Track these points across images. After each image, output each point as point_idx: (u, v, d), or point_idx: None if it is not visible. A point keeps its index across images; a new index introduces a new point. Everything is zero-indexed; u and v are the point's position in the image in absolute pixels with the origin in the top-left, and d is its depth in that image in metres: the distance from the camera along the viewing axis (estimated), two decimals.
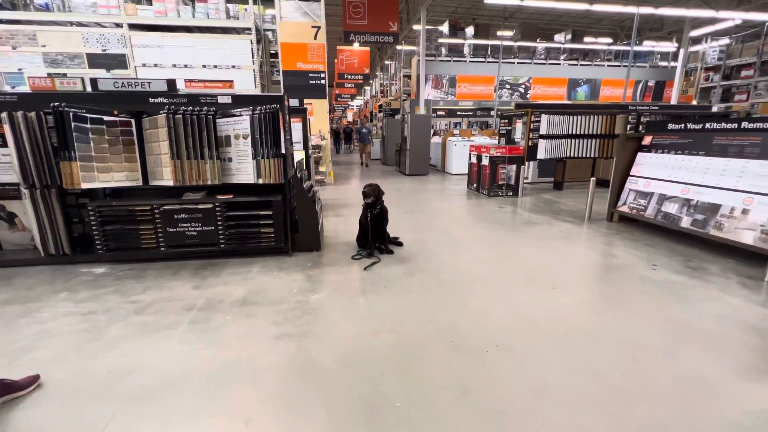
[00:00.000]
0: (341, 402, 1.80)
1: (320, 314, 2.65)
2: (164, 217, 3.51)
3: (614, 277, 3.28)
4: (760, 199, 3.49)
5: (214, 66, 7.50)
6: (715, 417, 1.70)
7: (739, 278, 3.22)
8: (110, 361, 2.11)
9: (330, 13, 13.84)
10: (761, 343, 2.28)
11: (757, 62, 11.36)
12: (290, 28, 7.88)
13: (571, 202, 6.46)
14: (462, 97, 15.25)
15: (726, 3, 12.97)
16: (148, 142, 3.56)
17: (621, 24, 17.67)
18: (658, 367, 2.05)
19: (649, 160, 4.73)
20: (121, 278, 3.28)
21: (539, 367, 2.05)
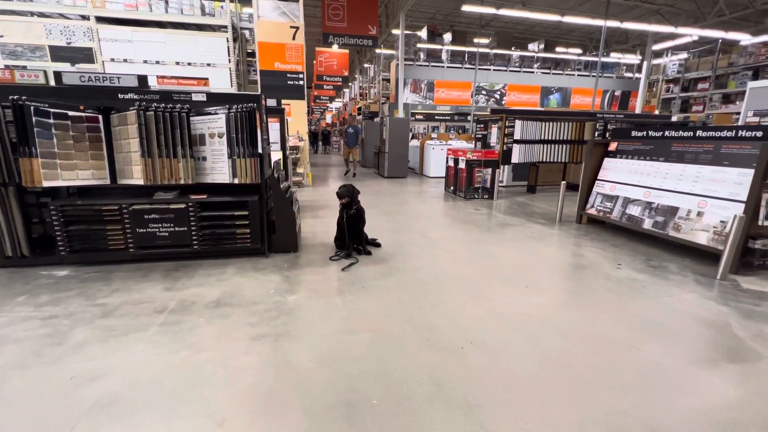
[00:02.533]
0: (318, 401, 1.80)
1: (297, 315, 2.63)
2: (134, 217, 3.38)
3: (582, 276, 3.43)
4: (712, 202, 3.75)
5: (188, 63, 7.29)
6: (673, 404, 1.81)
7: (694, 276, 3.44)
8: (74, 367, 2.01)
9: (309, 14, 13.77)
10: (713, 335, 2.45)
11: (711, 76, 12.19)
12: (268, 28, 7.78)
13: (544, 205, 6.69)
14: (440, 101, 15.50)
15: (684, 20, 13.86)
16: (116, 140, 3.43)
17: (590, 36, 18.53)
18: (622, 359, 2.17)
19: (615, 165, 4.98)
20: (86, 281, 3.13)
21: (511, 362, 2.12)
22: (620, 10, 14.35)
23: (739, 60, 11.52)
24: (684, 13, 13.88)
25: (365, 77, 19.78)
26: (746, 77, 11.08)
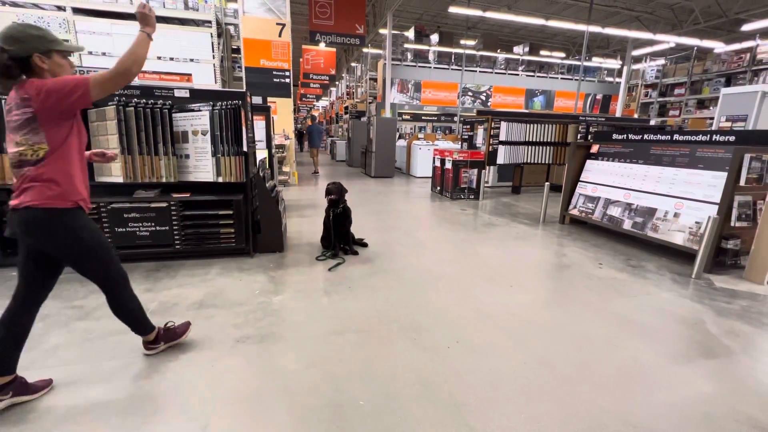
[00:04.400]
0: (304, 402, 1.78)
1: (283, 315, 2.60)
2: (112, 216, 3.28)
3: (565, 275, 3.50)
4: (689, 203, 3.88)
5: (170, 58, 7.11)
6: (651, 399, 1.87)
7: (671, 275, 3.56)
8: (48, 372, 1.93)
9: (295, 11, 13.64)
10: (689, 332, 2.54)
11: (687, 82, 12.63)
12: (253, 24, 7.66)
13: (528, 206, 6.81)
14: (426, 102, 15.58)
15: (662, 27, 14.34)
16: (94, 136, 3.31)
17: (573, 40, 18.95)
18: (602, 356, 2.23)
19: (596, 167, 5.11)
20: (62, 282, 2.99)
21: (497, 360, 2.15)
22: (602, 16, 14.73)
23: (713, 67, 11.98)
24: (662, 21, 14.36)
25: (352, 76, 19.72)
26: (719, 84, 11.53)
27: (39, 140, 1.56)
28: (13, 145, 1.57)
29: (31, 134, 1.55)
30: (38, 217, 1.60)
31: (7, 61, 1.50)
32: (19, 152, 1.56)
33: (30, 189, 1.58)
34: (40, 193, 1.58)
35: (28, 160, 1.57)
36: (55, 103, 1.53)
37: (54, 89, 1.52)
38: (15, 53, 1.51)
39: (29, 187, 1.59)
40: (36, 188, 1.58)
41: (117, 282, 1.89)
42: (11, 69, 1.53)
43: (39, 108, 1.52)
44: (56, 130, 1.59)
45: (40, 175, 1.58)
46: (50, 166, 1.59)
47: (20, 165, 1.58)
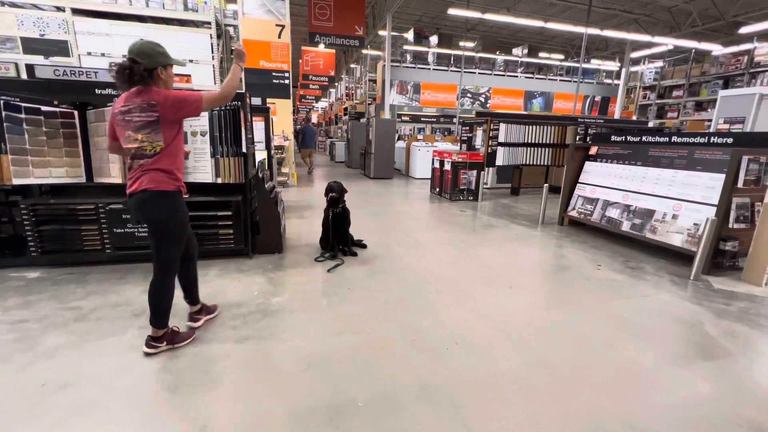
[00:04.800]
0: (303, 404, 1.77)
1: (281, 317, 2.59)
2: (111, 216, 3.27)
3: (564, 277, 3.50)
4: (687, 205, 3.89)
5: None
6: (650, 400, 1.87)
7: (669, 276, 3.56)
8: (45, 373, 1.92)
9: (295, 12, 13.66)
10: (687, 333, 2.54)
11: (685, 84, 12.68)
12: (253, 25, 7.67)
13: (527, 207, 6.82)
14: (426, 103, 15.59)
15: (660, 29, 14.39)
16: (93, 137, 3.31)
17: (572, 42, 19.01)
18: (601, 357, 2.23)
19: (595, 169, 5.12)
20: (59, 283, 3.01)
21: (495, 362, 2.15)
22: (600, 18, 14.78)
23: (710, 69, 12.03)
24: (660, 23, 14.41)
25: (352, 77, 19.74)
26: (717, 86, 11.58)
27: (158, 138, 1.93)
28: (132, 141, 1.92)
29: (152, 133, 1.92)
30: (150, 197, 1.95)
31: (141, 71, 1.86)
32: (140, 147, 1.92)
33: (145, 175, 1.94)
34: (153, 179, 1.94)
35: (146, 153, 1.94)
36: (176, 111, 1.94)
37: (178, 100, 1.93)
38: (146, 66, 1.88)
39: (144, 174, 1.94)
40: (150, 175, 1.94)
41: (171, 266, 2.12)
42: (143, 77, 1.88)
43: (163, 113, 1.91)
44: (170, 132, 1.97)
45: (155, 166, 1.95)
46: (163, 158, 1.97)
47: (138, 157, 1.95)
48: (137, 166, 1.96)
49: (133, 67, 1.85)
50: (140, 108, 1.88)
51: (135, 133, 1.90)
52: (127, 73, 1.85)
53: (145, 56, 1.88)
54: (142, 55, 1.87)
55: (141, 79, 1.89)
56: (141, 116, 1.89)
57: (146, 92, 1.90)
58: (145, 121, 1.89)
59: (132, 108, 1.89)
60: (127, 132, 1.92)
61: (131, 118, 1.90)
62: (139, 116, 1.89)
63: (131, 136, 1.92)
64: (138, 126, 1.90)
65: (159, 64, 1.93)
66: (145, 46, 1.91)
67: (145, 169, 1.95)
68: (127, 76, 1.86)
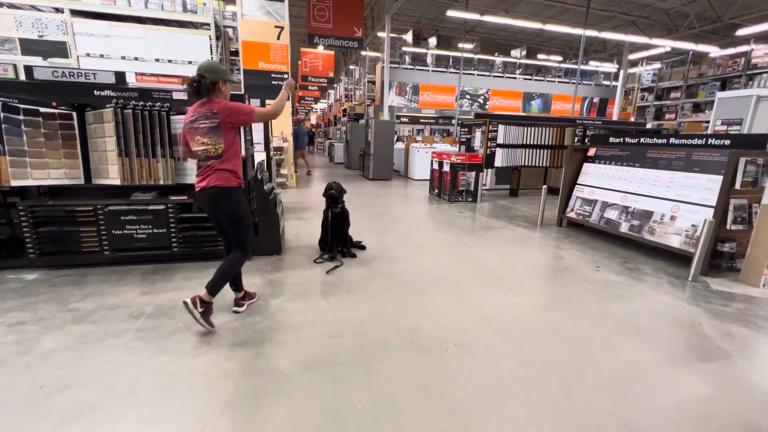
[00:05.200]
0: (302, 406, 1.77)
1: (280, 319, 2.59)
2: (109, 218, 3.27)
3: (563, 278, 3.51)
4: (685, 207, 3.91)
5: (168, 60, 7.11)
6: (648, 402, 1.87)
7: (668, 278, 3.57)
8: (43, 376, 1.92)
9: (294, 14, 13.66)
10: (686, 335, 2.55)
11: (683, 86, 12.73)
12: (252, 27, 7.68)
13: (526, 208, 6.83)
14: (425, 105, 15.62)
15: (658, 31, 14.46)
16: (91, 138, 3.30)
17: (570, 44, 19.08)
18: (600, 359, 2.23)
19: (594, 170, 5.14)
20: (57, 285, 3.00)
21: (495, 363, 2.15)
22: (598, 20, 14.84)
23: (708, 71, 12.08)
24: (658, 25, 14.48)
25: (351, 79, 19.76)
26: (715, 88, 11.63)
27: (219, 141, 2.28)
28: (200, 144, 2.28)
29: (215, 137, 2.27)
30: (219, 192, 2.31)
31: (208, 84, 2.24)
32: (205, 149, 2.28)
33: (213, 174, 2.29)
34: (220, 177, 2.30)
35: (211, 155, 2.29)
36: (233, 119, 2.29)
37: (234, 109, 2.28)
38: (211, 80, 2.25)
39: (213, 174, 2.29)
40: (217, 174, 2.29)
41: (246, 247, 2.53)
42: (208, 89, 2.25)
43: (222, 119, 2.25)
44: (229, 136, 2.31)
45: (222, 166, 2.30)
46: (227, 160, 2.32)
47: (207, 158, 2.30)
48: (206, 167, 2.31)
49: (201, 80, 2.22)
50: (205, 116, 2.26)
51: (202, 137, 2.27)
52: (196, 85, 2.22)
53: (210, 72, 2.25)
54: (208, 72, 2.24)
55: (207, 91, 2.25)
56: (205, 123, 2.26)
57: (209, 103, 2.27)
58: (208, 126, 2.25)
59: (198, 117, 2.27)
60: (196, 137, 2.28)
61: (198, 125, 2.27)
62: (204, 123, 2.26)
63: (199, 140, 2.28)
64: (203, 131, 2.26)
65: (220, 79, 2.29)
66: (211, 65, 2.30)
67: (214, 169, 2.30)
68: (196, 88, 2.23)
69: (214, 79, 2.27)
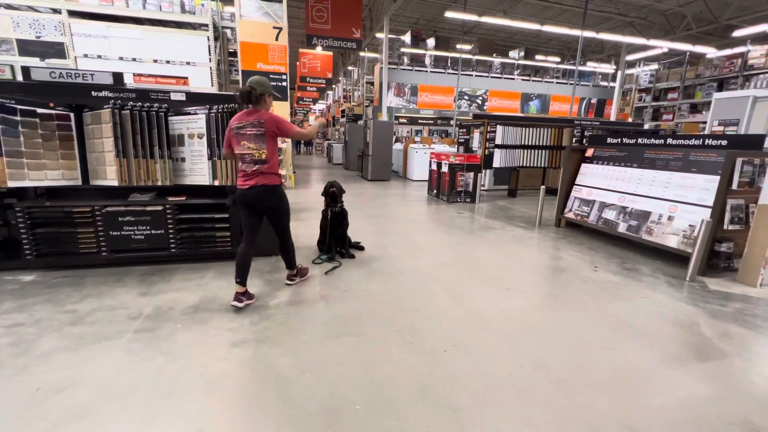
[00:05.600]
0: (300, 408, 1.77)
1: (279, 319, 2.59)
2: (107, 219, 3.26)
3: (561, 279, 3.52)
4: (682, 207, 3.92)
5: (166, 61, 7.10)
6: (647, 402, 1.88)
7: (665, 278, 3.58)
8: (40, 377, 1.91)
9: (292, 15, 13.67)
10: (683, 334, 2.55)
11: (680, 87, 12.79)
12: (250, 28, 7.68)
13: (524, 209, 6.84)
14: (423, 105, 15.66)
15: (655, 32, 14.52)
16: (89, 139, 3.30)
17: (568, 45, 19.14)
18: (598, 359, 2.23)
19: (592, 171, 5.15)
20: (55, 286, 2.99)
21: (493, 363, 2.15)
22: (596, 21, 14.90)
23: (705, 72, 12.13)
24: (655, 26, 14.54)
25: (349, 80, 19.77)
26: (712, 88, 11.67)
27: (263, 147, 2.66)
28: (245, 148, 2.65)
29: (260, 143, 2.65)
30: (267, 190, 2.72)
31: (257, 95, 2.65)
32: (250, 153, 2.65)
33: (261, 176, 2.68)
34: (267, 178, 2.70)
35: (256, 159, 2.65)
36: (276, 129, 2.68)
37: (279, 122, 2.68)
38: (260, 92, 2.66)
39: (260, 175, 2.68)
40: (264, 175, 2.69)
41: (288, 234, 3.02)
42: (257, 99, 2.66)
43: (267, 129, 2.64)
44: (271, 143, 2.69)
45: (268, 169, 2.70)
46: (271, 163, 2.71)
47: (254, 162, 2.66)
48: (253, 169, 2.68)
49: (252, 91, 2.63)
50: (252, 125, 2.63)
51: (248, 143, 2.64)
52: (247, 95, 2.62)
53: (259, 85, 2.66)
54: (258, 85, 2.65)
55: (255, 101, 2.66)
56: (252, 130, 2.63)
57: (256, 113, 2.66)
58: (255, 134, 2.63)
59: (245, 125, 2.64)
60: (243, 142, 2.65)
61: (245, 132, 2.64)
62: (251, 130, 2.63)
63: (245, 144, 2.65)
64: (250, 137, 2.64)
65: (266, 92, 2.70)
66: (260, 79, 2.70)
67: (262, 172, 2.68)
68: (247, 97, 2.63)
69: (262, 92, 2.68)
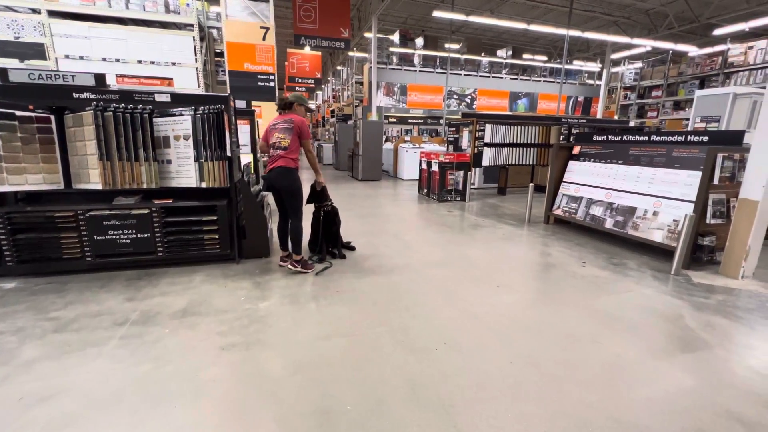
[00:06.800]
0: (292, 409, 1.76)
1: (269, 322, 2.56)
2: (91, 223, 3.19)
3: (550, 275, 3.56)
4: (666, 202, 4.00)
5: (151, 62, 6.98)
6: (634, 394, 1.91)
7: (651, 272, 3.65)
8: (23, 387, 1.86)
9: (279, 14, 13.58)
10: (669, 327, 2.61)
11: (664, 84, 13.06)
12: (237, 28, 7.59)
13: (513, 206, 6.91)
14: (412, 105, 15.67)
15: (639, 31, 14.79)
16: (71, 141, 3.22)
17: (554, 44, 19.37)
18: (587, 353, 2.27)
19: (579, 168, 5.22)
20: (37, 293, 2.91)
21: (484, 361, 2.16)
22: (581, 20, 15.11)
23: (687, 70, 12.41)
24: (639, 25, 14.81)
25: (338, 80, 19.69)
26: (694, 86, 11.95)
27: (288, 137, 3.27)
28: (276, 137, 3.30)
29: (286, 134, 3.28)
30: (283, 170, 3.26)
31: (289, 102, 3.43)
32: (279, 141, 3.28)
33: (281, 159, 3.25)
34: (285, 161, 3.26)
35: (281, 146, 3.26)
36: (299, 129, 3.31)
37: (303, 126, 3.32)
38: (291, 100, 3.43)
39: (281, 159, 3.25)
40: (284, 159, 3.26)
41: (299, 215, 3.45)
42: (290, 106, 3.43)
43: (294, 126, 3.30)
44: (293, 137, 3.29)
45: (287, 154, 3.27)
46: (291, 149, 3.28)
47: (279, 148, 3.27)
48: (277, 153, 3.26)
49: (286, 99, 3.45)
50: (284, 122, 3.32)
51: (279, 134, 3.30)
52: (282, 102, 3.46)
53: (294, 97, 3.43)
54: (293, 97, 3.43)
55: (288, 107, 3.44)
56: (283, 125, 3.31)
57: (289, 115, 3.37)
58: (284, 127, 3.30)
59: (280, 122, 3.34)
60: (275, 133, 3.31)
61: (278, 126, 3.32)
62: (282, 125, 3.31)
63: (276, 135, 3.30)
64: (280, 130, 3.30)
65: (298, 102, 3.44)
66: (297, 94, 3.48)
67: (282, 156, 3.25)
68: (283, 103, 3.46)
69: (294, 101, 3.42)
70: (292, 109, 3.40)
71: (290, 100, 3.40)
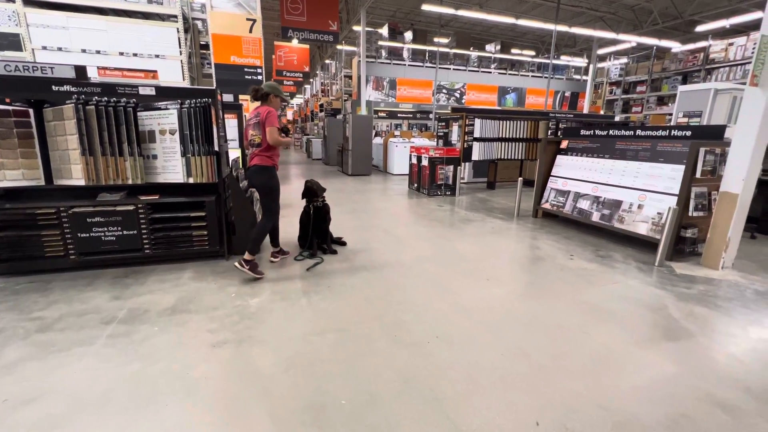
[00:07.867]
0: (285, 406, 1.75)
1: (261, 318, 2.55)
2: (74, 220, 3.10)
3: (539, 268, 3.62)
4: (651, 195, 4.09)
5: (133, 54, 6.77)
6: (621, 382, 1.96)
7: (636, 264, 3.74)
8: (6, 389, 1.81)
9: (266, 6, 13.31)
10: (653, 317, 2.68)
11: (648, 80, 13.29)
12: (222, 19, 7.42)
13: (502, 200, 6.97)
14: (402, 99, 15.62)
15: (624, 27, 14.99)
16: (51, 136, 3.12)
17: (542, 39, 19.51)
18: (575, 344, 2.32)
19: (566, 162, 5.30)
20: (19, 292, 2.83)
21: (475, 353, 2.19)
22: (569, 16, 15.24)
23: (670, 66, 12.64)
24: (624, 21, 15.01)
25: (327, 73, 19.48)
26: (677, 81, 12.19)
27: (259, 134, 3.14)
28: (251, 135, 3.17)
29: (258, 130, 3.14)
30: (258, 169, 3.19)
31: (263, 93, 3.21)
32: (253, 138, 3.16)
33: (257, 157, 3.18)
34: (260, 159, 3.18)
35: (255, 142, 3.16)
36: (265, 120, 3.08)
37: (270, 116, 3.09)
38: (265, 91, 3.21)
39: (256, 156, 3.18)
40: (259, 156, 3.18)
41: (272, 214, 3.35)
42: (263, 97, 3.22)
43: (261, 120, 3.10)
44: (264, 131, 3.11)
45: (261, 152, 3.18)
46: (264, 146, 3.16)
47: (253, 146, 3.18)
48: (252, 152, 3.20)
49: (259, 90, 3.21)
50: (255, 116, 3.14)
51: (252, 130, 3.16)
52: (254, 92, 3.24)
53: (268, 87, 3.22)
54: (265, 86, 3.22)
55: (262, 98, 3.22)
56: (254, 120, 3.14)
57: (261, 107, 3.16)
58: (255, 122, 3.13)
59: (252, 117, 3.18)
60: (249, 130, 3.19)
61: (251, 122, 3.17)
62: (253, 120, 3.14)
63: (251, 133, 3.17)
64: (252, 126, 3.16)
65: (272, 92, 3.22)
66: (270, 83, 3.29)
67: (256, 154, 3.18)
68: (254, 94, 3.24)
69: (268, 92, 3.20)
70: (267, 101, 3.20)
71: (265, 91, 3.17)
